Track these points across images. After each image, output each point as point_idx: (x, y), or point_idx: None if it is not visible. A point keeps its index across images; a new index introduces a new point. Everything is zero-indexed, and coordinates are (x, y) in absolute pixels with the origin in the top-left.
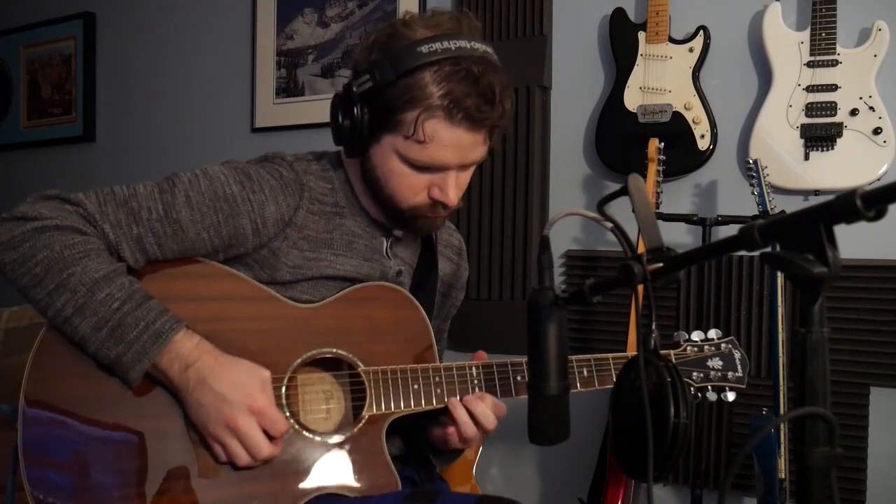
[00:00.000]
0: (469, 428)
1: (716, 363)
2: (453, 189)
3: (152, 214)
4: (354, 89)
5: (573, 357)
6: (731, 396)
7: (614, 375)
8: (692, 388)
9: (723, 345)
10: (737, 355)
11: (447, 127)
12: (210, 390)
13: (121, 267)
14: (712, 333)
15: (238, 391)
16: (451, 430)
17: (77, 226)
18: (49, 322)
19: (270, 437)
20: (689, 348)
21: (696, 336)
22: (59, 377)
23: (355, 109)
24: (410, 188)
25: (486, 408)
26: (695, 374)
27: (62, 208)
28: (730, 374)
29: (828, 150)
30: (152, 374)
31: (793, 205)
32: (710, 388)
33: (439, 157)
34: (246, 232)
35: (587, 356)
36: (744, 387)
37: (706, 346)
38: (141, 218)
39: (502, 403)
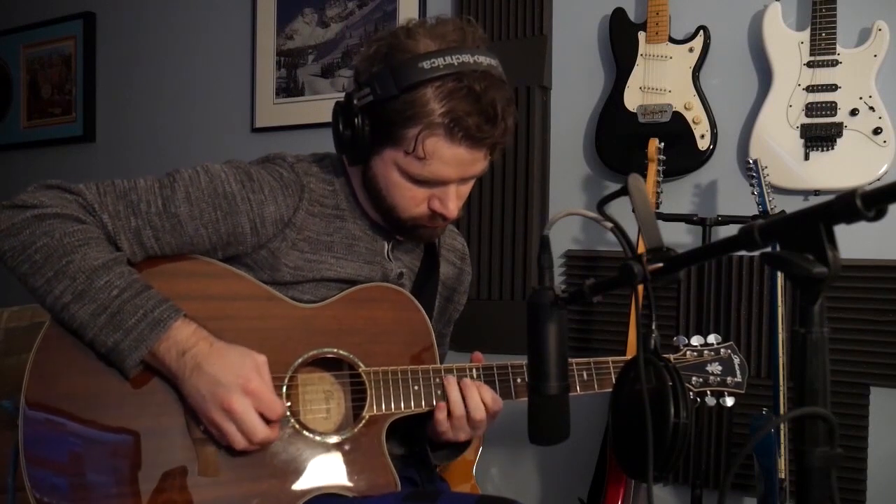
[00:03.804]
0: (458, 407)
1: (715, 368)
2: (453, 201)
3: (151, 208)
4: (355, 101)
5: (573, 360)
6: (729, 402)
7: (614, 378)
8: (691, 393)
9: (722, 350)
10: (736, 360)
11: (448, 145)
12: (205, 374)
13: (121, 256)
14: (712, 338)
15: (232, 373)
16: (441, 405)
17: (77, 214)
18: (48, 310)
19: (268, 421)
20: (688, 353)
21: (696, 341)
22: (60, 375)
23: (356, 121)
24: (411, 200)
25: (478, 397)
26: (694, 378)
27: (62, 197)
28: (729, 379)
29: (828, 150)
30: (150, 364)
31: (793, 205)
32: (708, 392)
33: (439, 173)
34: (244, 231)
35: (586, 359)
36: (742, 392)
37: (706, 351)
38: (140, 210)
39: (499, 398)
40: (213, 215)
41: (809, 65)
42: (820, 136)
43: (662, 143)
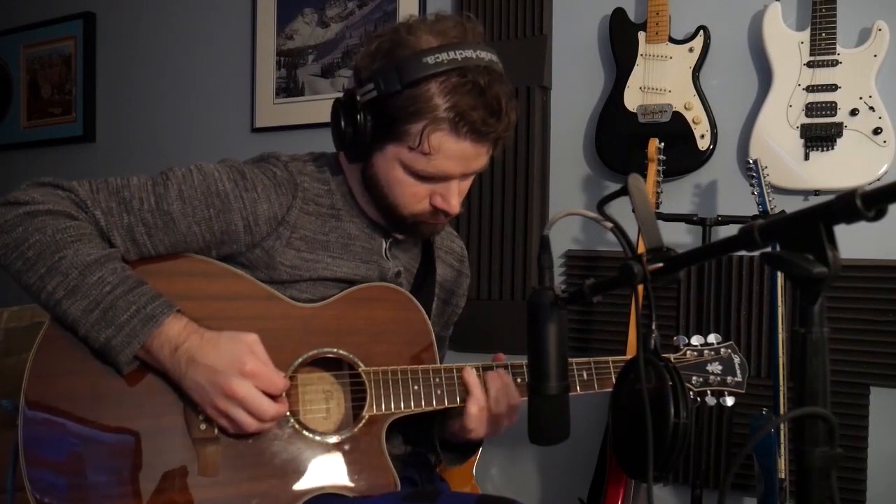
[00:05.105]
0: (483, 401)
1: (715, 368)
2: (455, 197)
3: (144, 205)
4: (358, 98)
5: (573, 360)
6: (730, 401)
7: (614, 378)
8: (691, 393)
9: (722, 349)
10: (736, 360)
11: (453, 140)
12: (201, 366)
13: (114, 252)
14: (712, 338)
15: (227, 359)
16: (472, 399)
17: (69, 211)
18: (42, 306)
19: (273, 398)
20: (688, 352)
21: (696, 340)
22: (59, 375)
23: (359, 117)
24: (413, 196)
25: (500, 389)
26: (694, 378)
27: (54, 194)
28: (729, 378)
29: (828, 150)
30: (146, 362)
31: (793, 205)
32: (709, 392)
33: (443, 169)
34: (238, 229)
35: (586, 359)
36: (743, 391)
37: (706, 351)
38: (132, 207)
39: (517, 394)
40: (206, 213)
41: (809, 65)
42: (820, 136)
43: (662, 143)
